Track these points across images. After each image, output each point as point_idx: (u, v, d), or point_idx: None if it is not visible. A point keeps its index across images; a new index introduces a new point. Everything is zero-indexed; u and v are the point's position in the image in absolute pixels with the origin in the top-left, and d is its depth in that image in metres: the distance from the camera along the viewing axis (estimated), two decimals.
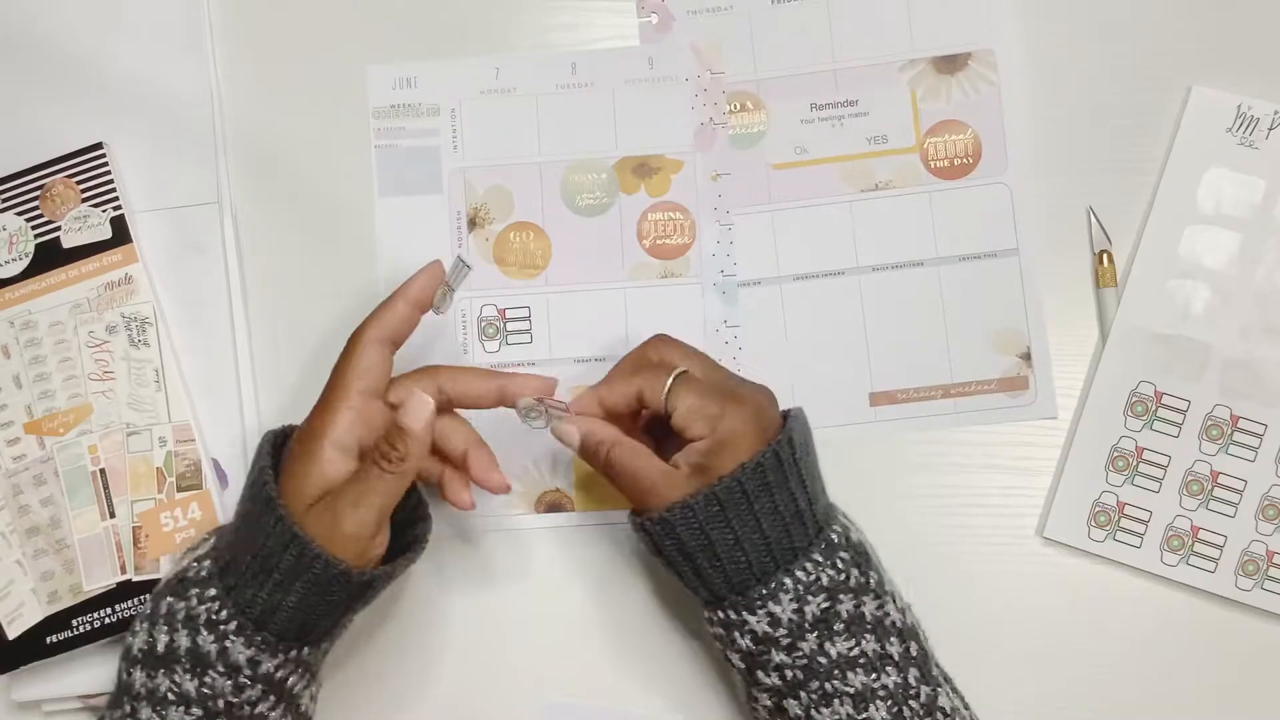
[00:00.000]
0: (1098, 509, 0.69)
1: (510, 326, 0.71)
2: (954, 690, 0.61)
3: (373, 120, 0.73)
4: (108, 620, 0.66)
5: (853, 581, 0.58)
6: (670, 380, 0.61)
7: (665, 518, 0.59)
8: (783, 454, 0.58)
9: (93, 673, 0.67)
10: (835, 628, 0.57)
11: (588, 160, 0.72)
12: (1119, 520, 0.69)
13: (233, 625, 0.57)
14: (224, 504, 0.68)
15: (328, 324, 0.71)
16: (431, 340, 0.70)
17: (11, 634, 0.66)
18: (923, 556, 0.69)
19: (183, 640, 0.57)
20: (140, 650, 0.58)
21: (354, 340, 0.61)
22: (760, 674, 0.59)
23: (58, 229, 0.70)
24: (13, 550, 0.67)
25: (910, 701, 0.57)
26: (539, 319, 0.71)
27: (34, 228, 0.70)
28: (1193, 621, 0.68)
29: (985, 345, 0.70)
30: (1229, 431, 0.69)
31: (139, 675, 0.58)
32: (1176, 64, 0.71)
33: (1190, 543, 0.68)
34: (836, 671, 0.57)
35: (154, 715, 0.57)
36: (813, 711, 0.58)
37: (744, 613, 0.58)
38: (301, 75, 0.73)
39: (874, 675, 0.57)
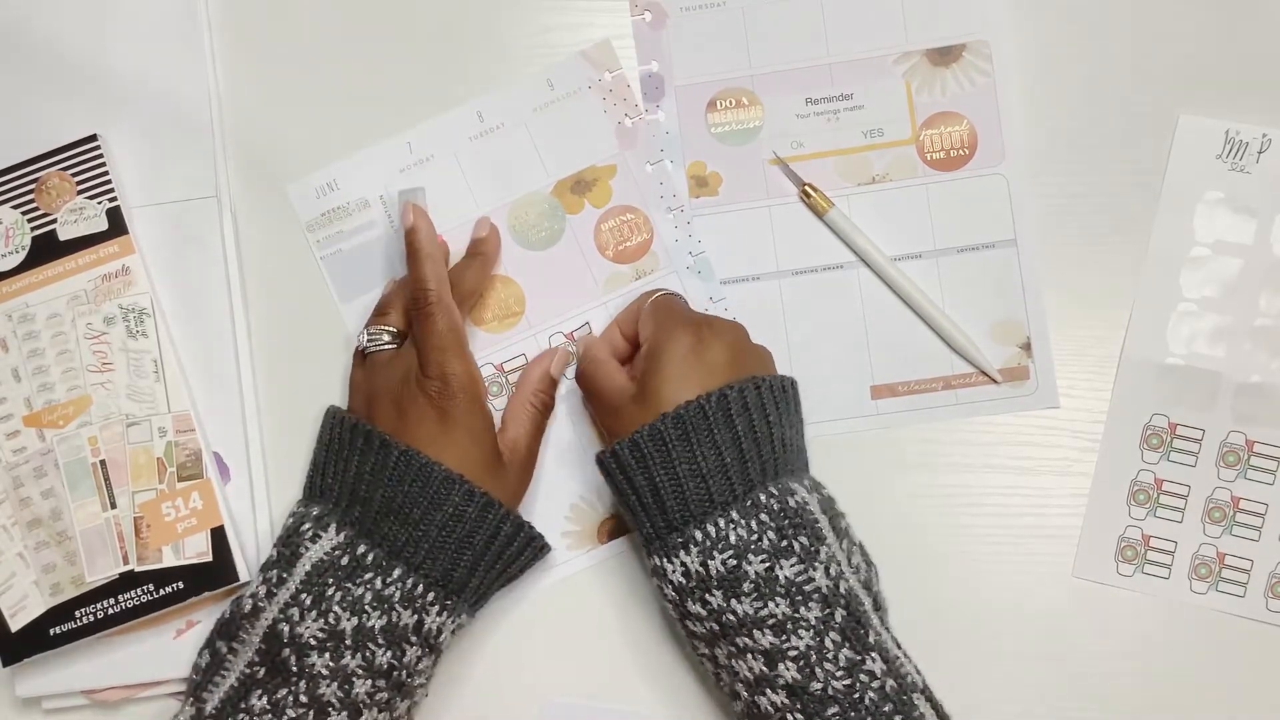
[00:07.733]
0: (1124, 544, 0.69)
1: (512, 378, 0.71)
2: (900, 663, 0.59)
3: (309, 235, 0.72)
4: (111, 611, 0.66)
5: (766, 543, 0.58)
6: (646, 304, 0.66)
7: (601, 459, 0.62)
8: (709, 408, 0.59)
9: (96, 666, 0.67)
10: (743, 587, 0.58)
11: (525, 197, 0.72)
12: (1145, 553, 0.69)
13: (429, 597, 0.61)
14: (226, 495, 0.68)
15: (326, 318, 0.71)
16: None
17: (15, 626, 0.66)
18: (924, 556, 0.69)
19: (376, 620, 0.60)
20: (316, 638, 0.60)
21: (434, 307, 0.65)
22: (687, 623, 0.61)
23: (53, 221, 0.70)
24: (14, 543, 0.67)
25: (825, 664, 0.57)
26: None
27: (30, 221, 0.70)
28: (1196, 619, 0.69)
29: (985, 336, 0.71)
30: (1245, 457, 0.69)
31: (319, 660, 0.59)
32: (1171, 60, 0.72)
33: (1217, 569, 0.69)
34: (744, 629, 0.58)
35: (338, 689, 0.59)
36: (733, 662, 0.59)
37: (661, 558, 0.60)
38: (301, 69, 0.73)
39: (783, 637, 0.57)
